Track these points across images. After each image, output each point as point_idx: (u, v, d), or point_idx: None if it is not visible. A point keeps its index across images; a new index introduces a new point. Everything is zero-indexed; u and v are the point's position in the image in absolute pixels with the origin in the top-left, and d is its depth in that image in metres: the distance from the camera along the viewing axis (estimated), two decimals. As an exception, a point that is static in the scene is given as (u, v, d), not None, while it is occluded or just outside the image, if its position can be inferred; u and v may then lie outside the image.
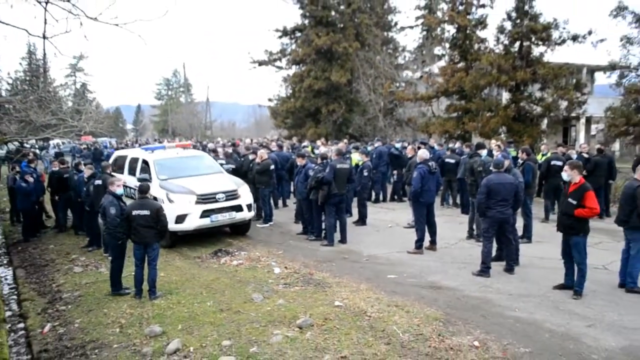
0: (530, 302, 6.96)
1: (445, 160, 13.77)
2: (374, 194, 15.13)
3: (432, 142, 18.18)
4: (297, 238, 11.23)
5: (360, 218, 12.31)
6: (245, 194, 11.01)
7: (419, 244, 9.58)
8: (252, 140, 23.84)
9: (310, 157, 12.37)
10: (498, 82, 19.54)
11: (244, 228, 11.51)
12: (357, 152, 14.44)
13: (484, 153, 10.76)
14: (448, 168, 13.58)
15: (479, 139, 17.23)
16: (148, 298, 7.43)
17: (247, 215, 11.03)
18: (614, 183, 13.28)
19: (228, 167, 12.78)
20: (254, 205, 11.85)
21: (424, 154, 9.82)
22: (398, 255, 9.51)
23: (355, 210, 12.58)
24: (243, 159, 13.97)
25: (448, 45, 23.64)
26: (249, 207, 11.06)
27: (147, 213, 7.33)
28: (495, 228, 8.13)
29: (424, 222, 9.58)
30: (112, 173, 10.63)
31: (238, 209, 10.72)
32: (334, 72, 28.60)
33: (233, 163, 13.56)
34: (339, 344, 5.65)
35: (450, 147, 15.89)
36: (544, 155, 13.41)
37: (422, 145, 12.66)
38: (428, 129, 23.09)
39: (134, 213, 7.35)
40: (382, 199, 15.36)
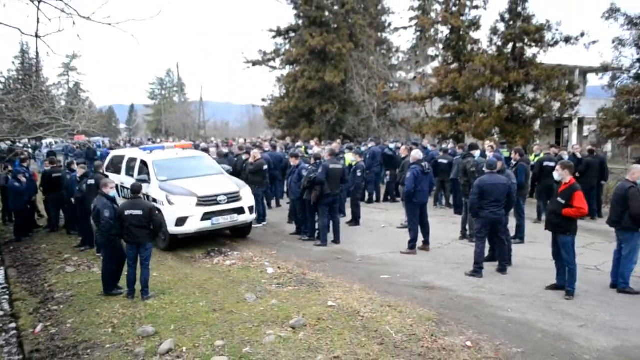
0: (523, 302, 6.99)
1: (439, 161, 13.81)
2: (368, 194, 15.14)
3: (425, 142, 18.21)
4: (290, 238, 11.22)
5: (354, 218, 12.32)
6: (247, 196, 10.71)
7: (412, 244, 9.61)
8: (245, 140, 23.83)
9: (304, 157, 12.37)
10: (491, 83, 19.65)
11: (245, 231, 11.22)
12: (350, 152, 14.45)
13: (477, 154, 10.79)
14: (441, 169, 13.63)
15: (472, 140, 17.31)
16: (141, 298, 7.39)
17: (249, 218, 10.74)
18: (606, 184, 13.34)
19: (224, 167, 12.65)
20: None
21: (418, 155, 9.84)
22: (391, 256, 9.53)
23: (349, 211, 12.58)
24: (236, 159, 13.94)
25: (441, 46, 23.72)
26: (251, 209, 10.76)
27: (139, 213, 7.30)
28: (488, 228, 8.17)
29: (417, 222, 9.60)
30: (105, 173, 10.57)
31: (240, 212, 10.42)
32: (328, 72, 28.60)
33: (227, 163, 13.48)
34: (332, 344, 5.65)
35: (444, 147, 15.96)
36: (537, 156, 13.49)
37: (414, 146, 12.69)
38: (421, 130, 23.15)
39: (127, 213, 7.32)
40: (375, 200, 15.40)
